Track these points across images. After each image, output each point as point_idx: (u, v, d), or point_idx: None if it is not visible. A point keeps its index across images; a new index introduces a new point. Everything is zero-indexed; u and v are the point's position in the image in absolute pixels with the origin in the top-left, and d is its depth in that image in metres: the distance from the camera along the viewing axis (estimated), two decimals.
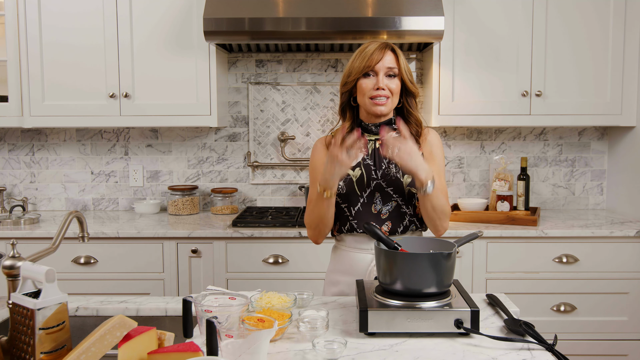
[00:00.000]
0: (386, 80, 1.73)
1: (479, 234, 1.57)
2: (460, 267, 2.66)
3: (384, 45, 1.74)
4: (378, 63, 1.71)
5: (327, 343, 1.28)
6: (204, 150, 3.27)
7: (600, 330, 2.68)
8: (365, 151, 1.66)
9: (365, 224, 1.56)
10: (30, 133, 3.26)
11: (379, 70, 1.72)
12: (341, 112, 1.84)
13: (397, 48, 1.76)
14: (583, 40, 2.85)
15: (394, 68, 1.73)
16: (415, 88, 1.78)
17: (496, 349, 1.31)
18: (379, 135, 1.69)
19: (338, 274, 1.83)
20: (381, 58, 1.71)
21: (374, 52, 1.71)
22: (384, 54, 1.72)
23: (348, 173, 1.76)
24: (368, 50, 1.72)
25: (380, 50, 1.72)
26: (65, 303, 1.19)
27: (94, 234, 2.66)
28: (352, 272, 1.79)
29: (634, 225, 2.75)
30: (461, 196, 3.25)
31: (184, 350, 1.15)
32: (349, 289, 1.79)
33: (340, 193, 1.76)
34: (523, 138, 3.23)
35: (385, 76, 1.73)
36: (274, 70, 3.22)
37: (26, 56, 2.86)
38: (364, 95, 1.74)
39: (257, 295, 1.51)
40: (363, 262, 1.78)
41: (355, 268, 1.79)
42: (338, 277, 1.83)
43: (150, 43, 2.86)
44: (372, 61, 1.71)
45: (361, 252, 1.78)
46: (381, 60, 1.71)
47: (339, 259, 1.84)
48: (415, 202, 1.78)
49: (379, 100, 1.72)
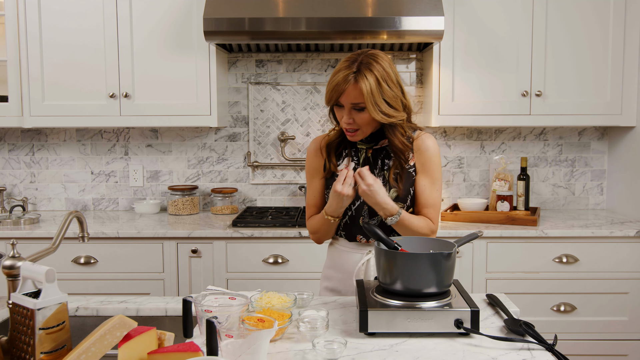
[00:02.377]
0: (354, 113, 1.64)
1: (479, 234, 1.57)
2: (460, 267, 2.66)
3: (347, 76, 1.59)
4: (341, 97, 1.62)
5: (327, 343, 1.28)
6: (204, 150, 3.27)
7: (600, 330, 2.68)
8: (352, 192, 1.64)
9: (365, 224, 1.57)
10: (30, 133, 3.26)
11: (344, 103, 1.64)
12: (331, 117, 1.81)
13: (362, 77, 1.58)
14: (583, 40, 2.85)
15: (359, 103, 1.61)
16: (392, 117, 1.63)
17: (496, 349, 1.31)
18: (340, 170, 1.67)
19: (332, 270, 1.87)
20: (344, 91, 1.61)
21: (337, 86, 1.61)
22: (346, 88, 1.60)
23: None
24: (333, 81, 1.62)
25: (343, 83, 1.60)
26: (65, 303, 1.19)
27: (94, 234, 2.66)
28: (343, 270, 1.83)
29: (634, 225, 2.75)
30: (461, 196, 3.25)
31: (184, 350, 1.15)
32: (340, 284, 1.84)
33: None
34: (523, 138, 3.23)
35: (353, 109, 1.64)
36: (274, 70, 3.22)
37: (26, 56, 2.86)
38: (339, 121, 1.72)
39: (257, 295, 1.51)
40: (352, 261, 1.81)
41: (346, 266, 1.82)
42: (332, 272, 1.87)
43: (150, 43, 2.86)
44: (336, 94, 1.62)
45: (350, 252, 1.82)
46: (344, 94, 1.61)
47: (333, 256, 1.88)
48: None
49: (349, 133, 1.70)
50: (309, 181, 1.86)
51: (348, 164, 1.79)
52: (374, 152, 1.77)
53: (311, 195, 1.87)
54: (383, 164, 1.75)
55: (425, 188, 1.74)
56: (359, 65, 1.61)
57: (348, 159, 1.80)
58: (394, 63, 3.17)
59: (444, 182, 3.25)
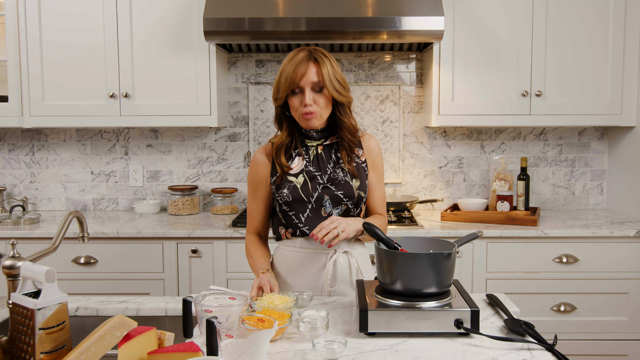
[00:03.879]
0: (313, 94, 1.69)
1: (479, 234, 1.57)
2: (460, 267, 2.66)
3: (307, 57, 1.69)
4: (302, 79, 1.67)
5: (327, 343, 1.28)
6: (204, 150, 3.27)
7: (600, 330, 2.68)
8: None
9: (365, 224, 1.57)
10: (30, 133, 3.26)
11: (304, 85, 1.68)
12: (277, 123, 1.81)
13: (320, 57, 1.70)
14: (583, 40, 2.85)
15: (318, 82, 1.68)
16: (344, 97, 1.72)
17: (496, 349, 1.31)
18: (313, 237, 1.65)
19: (287, 276, 1.80)
20: (304, 73, 1.67)
21: (298, 67, 1.67)
22: (307, 69, 1.67)
23: (291, 180, 1.76)
24: (291, 65, 1.68)
25: (304, 63, 1.68)
26: (65, 303, 1.19)
27: (94, 234, 2.66)
28: (303, 274, 1.78)
29: (634, 225, 2.75)
30: (461, 196, 3.25)
31: (184, 350, 1.15)
32: (300, 289, 1.76)
33: (287, 201, 1.76)
34: (523, 138, 3.23)
35: (312, 91, 1.69)
36: (274, 70, 3.22)
37: (26, 56, 2.86)
38: (295, 111, 1.73)
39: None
40: (317, 263, 1.77)
41: (308, 269, 1.77)
42: (287, 278, 1.80)
43: (150, 43, 2.86)
44: (296, 78, 1.67)
45: (314, 252, 1.77)
46: (305, 76, 1.67)
47: (288, 261, 1.81)
48: (362, 206, 1.82)
49: (308, 117, 1.71)
50: (253, 192, 1.83)
51: (299, 163, 1.78)
52: (325, 148, 1.80)
53: (254, 206, 1.84)
54: (337, 157, 1.79)
55: (377, 184, 1.84)
56: (309, 52, 1.71)
57: (299, 158, 1.79)
58: (394, 63, 3.19)
59: (443, 182, 3.26)
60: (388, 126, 3.23)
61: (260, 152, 1.84)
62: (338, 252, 1.76)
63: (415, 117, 3.23)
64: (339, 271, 1.76)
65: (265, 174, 1.81)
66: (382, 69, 3.20)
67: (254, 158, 1.85)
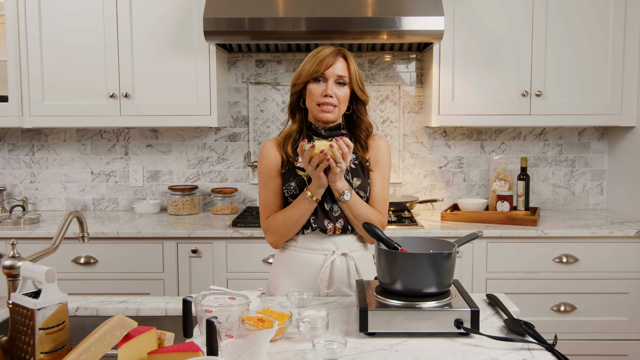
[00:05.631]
0: (335, 87, 1.72)
1: (479, 234, 1.57)
2: (460, 267, 2.66)
3: (337, 52, 1.73)
4: (328, 69, 1.70)
5: (327, 343, 1.28)
6: (204, 150, 3.27)
7: (600, 330, 2.68)
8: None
9: (365, 223, 1.57)
10: (30, 133, 3.26)
11: (328, 76, 1.71)
12: (290, 113, 1.83)
13: (349, 55, 1.75)
14: (583, 40, 2.85)
15: (344, 76, 1.72)
16: (365, 96, 1.78)
17: (496, 349, 1.31)
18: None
19: (285, 275, 1.80)
20: (332, 64, 1.70)
21: (326, 58, 1.70)
22: (335, 61, 1.71)
23: (299, 173, 1.77)
24: (320, 55, 1.72)
25: (332, 56, 1.71)
26: (65, 303, 1.19)
27: (94, 234, 2.66)
28: (300, 274, 1.78)
29: (634, 225, 2.75)
30: (461, 196, 3.25)
31: (184, 350, 1.15)
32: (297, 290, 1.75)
33: (294, 193, 1.76)
34: (523, 138, 3.23)
35: (335, 84, 1.72)
36: (274, 70, 3.22)
37: (26, 56, 2.86)
38: (312, 100, 1.73)
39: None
40: (314, 264, 1.77)
41: (306, 269, 1.77)
42: (284, 278, 1.80)
43: (150, 43, 2.86)
44: (322, 66, 1.70)
45: (312, 253, 1.77)
46: (332, 67, 1.70)
47: (286, 260, 1.81)
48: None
49: (326, 108, 1.71)
50: (266, 182, 1.81)
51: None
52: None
53: (268, 195, 1.81)
54: None
55: (378, 182, 1.82)
56: (337, 49, 1.75)
57: None
58: (394, 63, 3.19)
59: (443, 182, 3.26)
60: (388, 126, 3.23)
61: (270, 142, 1.84)
62: (336, 254, 1.76)
63: (415, 117, 3.23)
64: (336, 273, 1.75)
65: (277, 164, 1.80)
66: (382, 69, 3.20)
67: (264, 148, 1.82)
